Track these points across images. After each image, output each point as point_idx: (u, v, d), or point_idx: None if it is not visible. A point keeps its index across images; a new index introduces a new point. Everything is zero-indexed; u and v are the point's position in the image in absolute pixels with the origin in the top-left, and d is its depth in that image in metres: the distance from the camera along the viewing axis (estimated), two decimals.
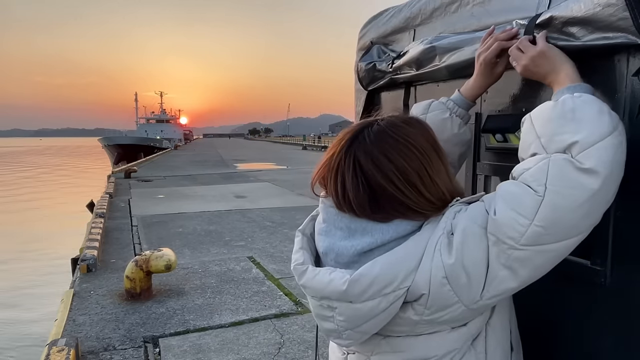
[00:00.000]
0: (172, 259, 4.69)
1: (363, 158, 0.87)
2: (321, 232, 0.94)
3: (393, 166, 0.86)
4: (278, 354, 3.57)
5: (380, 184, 0.85)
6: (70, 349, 3.22)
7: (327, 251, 0.92)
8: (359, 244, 0.86)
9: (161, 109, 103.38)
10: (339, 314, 0.87)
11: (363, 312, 0.84)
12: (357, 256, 0.86)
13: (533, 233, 0.77)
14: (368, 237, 0.86)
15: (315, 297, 0.91)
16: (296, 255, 0.98)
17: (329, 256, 0.92)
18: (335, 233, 0.91)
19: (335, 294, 0.85)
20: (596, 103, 0.81)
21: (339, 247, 0.89)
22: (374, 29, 1.97)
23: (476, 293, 0.81)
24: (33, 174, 41.17)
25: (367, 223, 0.87)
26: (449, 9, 1.42)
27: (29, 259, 11.48)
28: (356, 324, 0.87)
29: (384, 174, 0.85)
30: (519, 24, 1.05)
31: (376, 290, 0.82)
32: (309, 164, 25.35)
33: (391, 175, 0.85)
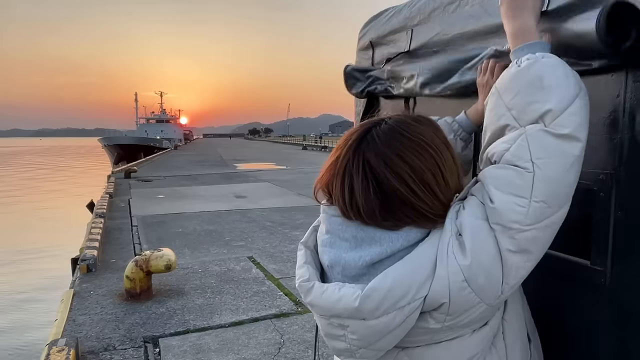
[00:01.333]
0: (172, 259, 4.69)
1: (374, 159, 0.81)
2: (325, 244, 0.88)
3: (407, 167, 0.80)
4: (278, 354, 3.57)
5: (392, 186, 0.79)
6: (70, 349, 3.22)
7: (332, 264, 0.85)
8: (367, 254, 0.81)
9: (161, 109, 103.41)
10: (352, 332, 0.81)
11: (378, 328, 0.78)
12: (366, 268, 0.81)
13: (535, 210, 0.75)
14: (377, 247, 0.80)
15: (324, 316, 0.84)
16: (300, 270, 0.90)
17: (335, 269, 0.85)
18: (340, 244, 0.84)
19: (346, 312, 0.79)
20: (561, 66, 0.79)
21: (346, 259, 0.83)
22: (374, 29, 1.97)
23: (497, 288, 0.78)
24: (33, 174, 41.16)
25: (374, 232, 0.81)
26: (447, 9, 1.42)
27: (28, 258, 11.48)
28: (370, 342, 0.81)
29: (397, 175, 0.80)
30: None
31: (390, 304, 0.76)
32: (309, 164, 25.35)
33: (405, 177, 0.79)
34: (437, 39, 1.47)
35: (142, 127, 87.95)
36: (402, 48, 1.70)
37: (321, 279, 0.88)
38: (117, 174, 18.43)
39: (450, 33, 1.39)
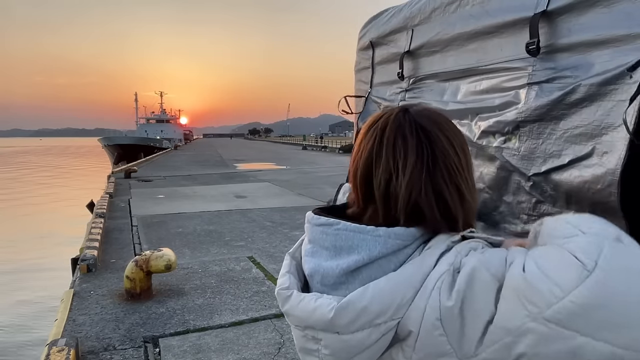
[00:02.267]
0: (172, 259, 4.69)
1: (426, 121, 0.79)
2: (307, 254, 0.85)
3: (459, 139, 0.79)
4: (278, 354, 3.57)
5: (444, 149, 0.77)
6: (70, 349, 3.22)
7: (312, 273, 0.83)
8: (345, 262, 0.77)
9: (161, 109, 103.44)
10: (325, 347, 0.77)
11: (351, 344, 0.74)
12: (344, 276, 0.77)
13: (563, 309, 0.60)
14: (354, 254, 0.76)
15: (299, 327, 0.81)
16: (282, 279, 0.87)
17: (314, 278, 0.82)
18: (321, 253, 0.82)
19: (320, 323, 0.76)
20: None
21: (325, 267, 0.80)
22: (374, 29, 1.97)
23: (470, 346, 0.68)
24: (33, 174, 41.17)
25: (353, 239, 0.77)
26: (448, 9, 1.42)
27: (28, 258, 11.48)
28: (344, 358, 0.76)
29: (448, 140, 0.78)
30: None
31: (367, 321, 0.72)
32: (309, 164, 25.35)
33: (456, 144, 0.79)
34: (437, 38, 1.47)
35: (142, 127, 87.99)
36: (403, 48, 1.70)
37: (305, 290, 0.85)
38: (117, 174, 18.43)
39: (451, 33, 1.39)
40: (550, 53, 1.04)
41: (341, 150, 39.32)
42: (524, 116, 1.09)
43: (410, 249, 0.77)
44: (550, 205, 1.04)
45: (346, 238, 0.78)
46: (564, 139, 0.99)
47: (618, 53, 0.88)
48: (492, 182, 1.23)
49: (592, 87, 0.92)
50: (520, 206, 1.13)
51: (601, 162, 0.89)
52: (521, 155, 1.10)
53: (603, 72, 0.90)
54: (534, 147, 1.07)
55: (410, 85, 1.69)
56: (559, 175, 0.99)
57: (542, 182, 1.05)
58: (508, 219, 1.17)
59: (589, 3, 0.93)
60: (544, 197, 1.05)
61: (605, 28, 0.90)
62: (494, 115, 1.20)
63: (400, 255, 0.76)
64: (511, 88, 1.15)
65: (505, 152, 1.16)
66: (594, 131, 0.92)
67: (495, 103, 1.20)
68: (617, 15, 0.89)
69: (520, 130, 1.11)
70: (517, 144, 1.12)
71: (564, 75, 0.99)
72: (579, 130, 0.96)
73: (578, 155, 0.95)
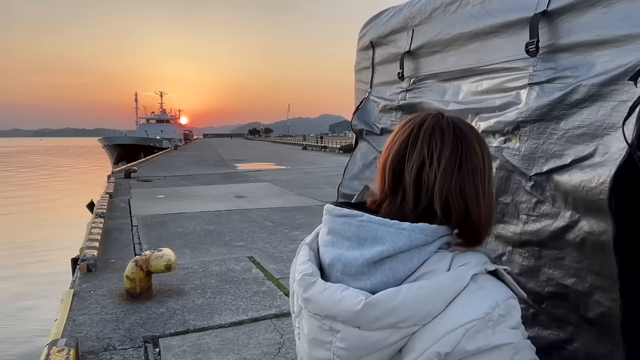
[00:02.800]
0: (172, 259, 4.69)
1: (462, 124, 0.85)
2: (327, 244, 0.85)
3: (487, 148, 0.86)
4: (278, 354, 3.57)
5: (475, 152, 0.83)
6: (70, 349, 3.22)
7: (333, 262, 0.82)
8: (369, 252, 0.78)
9: (161, 109, 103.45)
10: (341, 340, 0.77)
11: (369, 341, 0.75)
12: (367, 267, 0.78)
13: None
14: (379, 245, 0.77)
15: (318, 316, 0.81)
16: (304, 266, 0.87)
17: (335, 267, 0.82)
18: (342, 244, 0.82)
19: (344, 315, 0.76)
20: None
21: (347, 257, 0.80)
22: (374, 29, 1.97)
23: None
24: (34, 174, 41.17)
25: (377, 230, 0.78)
26: (448, 9, 1.42)
27: (28, 258, 11.48)
28: (357, 356, 0.77)
29: (480, 146, 0.85)
30: None
31: (392, 322, 0.73)
32: (309, 164, 25.35)
33: (484, 151, 0.85)
34: (437, 38, 1.47)
35: (142, 127, 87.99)
36: (403, 48, 1.70)
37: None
38: (117, 174, 18.43)
39: (451, 33, 1.39)
40: (550, 53, 1.04)
41: (341, 151, 39.31)
42: (525, 116, 1.09)
43: (433, 246, 0.79)
44: (550, 205, 1.04)
45: (370, 229, 0.79)
46: (565, 139, 0.99)
47: (618, 53, 0.88)
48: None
49: (592, 88, 0.92)
50: (520, 206, 1.13)
51: (603, 162, 0.89)
52: (522, 155, 1.10)
53: (604, 73, 0.90)
54: (535, 147, 1.07)
55: (410, 85, 1.69)
56: (561, 175, 0.99)
57: (543, 182, 1.05)
58: (507, 220, 1.17)
59: (589, 3, 0.93)
60: (544, 197, 1.05)
61: (606, 28, 0.90)
62: (494, 116, 1.20)
63: (423, 251, 0.78)
64: (512, 88, 1.15)
65: (505, 152, 1.16)
66: (596, 131, 0.92)
67: (496, 103, 1.20)
68: (617, 15, 0.89)
69: (520, 130, 1.11)
70: (518, 144, 1.12)
71: (565, 76, 0.99)
72: (580, 130, 0.96)
73: (580, 156, 0.95)
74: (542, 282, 1.08)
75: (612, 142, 0.87)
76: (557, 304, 1.05)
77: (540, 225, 1.06)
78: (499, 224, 1.21)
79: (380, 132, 1.91)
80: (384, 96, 1.90)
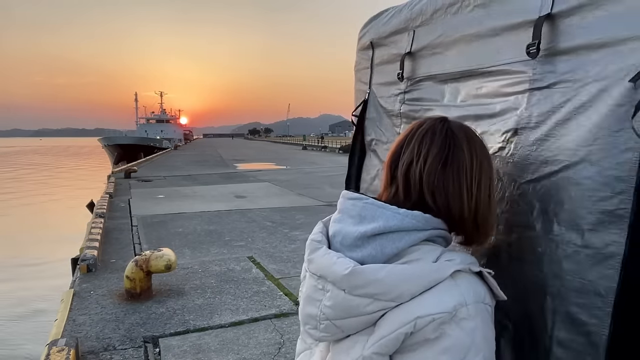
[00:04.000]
0: (172, 259, 4.69)
1: (457, 128, 0.96)
2: (335, 220, 0.98)
3: (481, 152, 0.95)
4: (278, 354, 3.57)
5: (463, 153, 0.93)
6: (70, 349, 3.22)
7: (335, 233, 0.95)
8: (364, 228, 0.89)
9: (161, 109, 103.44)
10: (328, 299, 0.88)
11: (350, 304, 0.85)
12: (360, 240, 0.89)
13: None
14: (373, 223, 0.88)
15: (315, 276, 0.93)
16: (315, 235, 1.00)
17: (336, 238, 0.94)
18: (346, 220, 0.94)
19: (333, 276, 0.87)
20: None
21: (347, 230, 0.92)
22: (374, 30, 1.97)
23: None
24: (34, 174, 41.15)
25: (376, 211, 0.90)
26: (449, 10, 1.42)
27: (28, 258, 11.48)
28: (338, 316, 0.87)
29: (470, 151, 0.93)
30: None
31: (371, 292, 0.83)
32: (309, 164, 25.35)
33: (475, 154, 0.94)
34: (439, 40, 1.47)
35: (142, 127, 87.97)
36: (403, 49, 1.70)
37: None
38: (117, 174, 18.42)
39: (453, 35, 1.39)
40: (551, 56, 1.03)
41: (341, 150, 39.29)
42: (525, 122, 1.08)
43: (423, 233, 0.89)
44: (542, 214, 1.02)
45: (370, 210, 0.91)
46: (561, 144, 0.98)
47: (618, 56, 0.88)
48: None
49: (593, 92, 0.92)
50: (514, 217, 1.11)
51: (598, 168, 0.88)
52: (515, 162, 1.10)
53: (604, 77, 0.90)
54: (528, 153, 1.06)
55: (410, 86, 1.69)
56: (553, 181, 0.98)
57: (534, 190, 1.04)
58: (500, 228, 1.16)
59: (592, 6, 0.93)
60: (536, 206, 1.04)
61: (607, 31, 0.90)
62: (493, 120, 1.20)
63: (412, 235, 0.88)
64: (512, 93, 1.14)
65: (498, 160, 1.15)
66: (594, 136, 0.91)
67: (496, 108, 1.19)
68: (619, 18, 0.88)
69: (517, 136, 1.10)
70: (513, 150, 1.11)
71: (566, 80, 0.99)
72: (577, 135, 0.95)
73: (574, 161, 0.94)
74: (521, 298, 1.06)
75: (612, 146, 0.87)
76: (537, 322, 1.02)
77: (530, 236, 1.04)
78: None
79: (386, 141, 1.89)
80: (384, 97, 1.90)
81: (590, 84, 0.93)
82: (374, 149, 2.00)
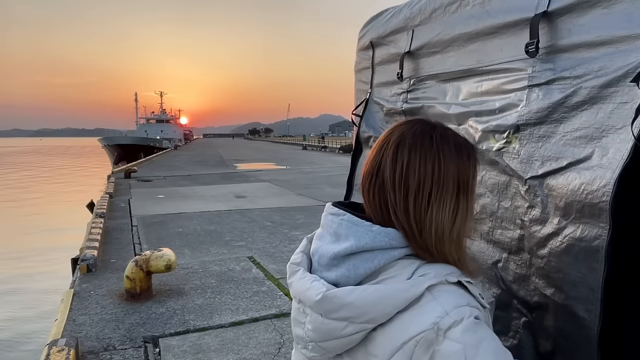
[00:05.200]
0: (172, 259, 4.69)
1: (420, 137, 0.85)
2: (316, 237, 0.96)
3: (447, 167, 0.83)
4: (278, 354, 3.57)
5: (415, 169, 0.82)
6: (70, 349, 3.22)
7: (314, 252, 0.94)
8: (337, 247, 0.86)
9: (161, 109, 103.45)
10: (309, 322, 0.87)
11: (328, 328, 0.83)
12: (335, 260, 0.86)
13: None
14: (346, 242, 0.85)
15: (296, 299, 0.93)
16: (296, 255, 0.99)
17: (315, 257, 0.93)
18: (325, 237, 0.92)
19: (309, 301, 0.86)
20: None
21: (323, 249, 0.90)
22: (374, 29, 1.97)
23: None
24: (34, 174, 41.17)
25: (350, 229, 0.86)
26: (448, 9, 1.42)
27: (28, 258, 11.48)
28: (320, 338, 0.85)
29: (433, 163, 0.82)
30: None
31: (345, 316, 0.80)
32: (309, 164, 25.35)
33: (438, 171, 0.82)
34: (438, 39, 1.47)
35: (142, 127, 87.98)
36: (403, 48, 1.70)
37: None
38: (117, 174, 18.43)
39: (451, 33, 1.39)
40: (550, 54, 1.03)
41: (341, 150, 39.29)
42: (525, 119, 1.08)
43: (398, 252, 0.83)
44: (542, 209, 1.03)
45: (345, 227, 0.87)
46: (564, 141, 0.98)
47: (619, 54, 0.88)
48: (492, 186, 1.22)
49: (592, 89, 0.92)
50: (517, 211, 1.12)
51: (601, 165, 0.88)
52: (520, 159, 1.10)
53: (604, 74, 0.90)
54: (534, 150, 1.06)
55: (411, 86, 1.69)
56: (557, 178, 0.98)
57: (538, 186, 1.04)
58: (504, 225, 1.16)
59: (589, 4, 0.93)
60: (538, 201, 1.04)
61: (606, 29, 0.90)
62: (494, 118, 1.20)
63: (386, 254, 0.83)
64: (512, 90, 1.15)
65: (505, 155, 1.15)
66: (594, 133, 0.91)
67: (496, 105, 1.20)
68: (617, 16, 0.88)
69: (520, 133, 1.10)
70: (517, 147, 1.11)
71: (564, 77, 0.99)
72: (579, 132, 0.95)
73: (577, 158, 0.94)
74: (532, 291, 1.07)
75: (611, 145, 0.87)
76: (545, 314, 1.04)
77: (535, 231, 1.05)
78: (497, 229, 1.20)
79: None
80: (386, 97, 1.90)
81: (590, 81, 0.93)
82: (372, 147, 2.01)
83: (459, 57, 1.38)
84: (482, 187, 1.26)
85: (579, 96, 0.95)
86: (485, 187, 1.25)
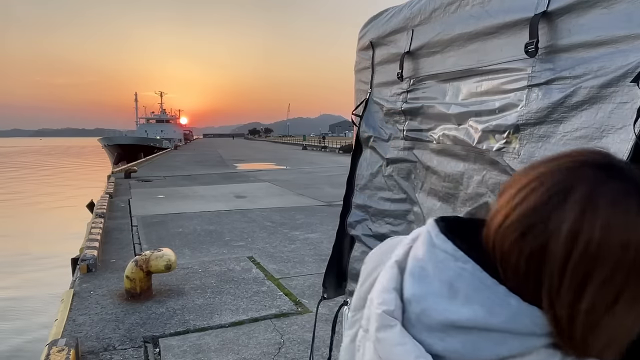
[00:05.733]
0: (172, 259, 4.69)
1: (610, 198, 0.54)
2: (414, 274, 0.67)
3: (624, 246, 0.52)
4: (278, 354, 3.57)
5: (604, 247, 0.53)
6: (70, 349, 3.22)
7: (411, 300, 0.66)
8: (455, 312, 0.61)
9: (161, 109, 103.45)
10: None
11: None
12: (445, 327, 0.62)
13: None
14: (469, 309, 0.60)
15: (380, 358, 0.68)
16: (386, 295, 0.69)
17: (412, 306, 0.66)
18: (432, 283, 0.64)
19: None
20: None
21: (429, 303, 0.63)
22: (374, 29, 1.97)
23: None
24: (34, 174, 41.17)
25: (477, 287, 0.61)
26: (448, 9, 1.42)
27: (28, 258, 11.48)
28: None
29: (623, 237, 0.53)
30: None
31: None
32: (309, 164, 25.35)
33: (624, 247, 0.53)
34: (437, 39, 1.47)
35: (142, 127, 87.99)
36: (403, 48, 1.70)
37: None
38: (117, 174, 18.43)
39: (451, 33, 1.39)
40: (550, 54, 1.03)
41: (341, 150, 39.29)
42: (525, 119, 1.08)
43: (537, 341, 0.59)
44: None
45: (468, 284, 0.62)
46: (564, 141, 0.99)
47: (618, 54, 0.88)
48: (493, 186, 1.22)
49: (592, 89, 0.92)
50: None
51: None
52: (520, 159, 1.10)
53: (603, 74, 0.90)
54: (534, 150, 1.06)
55: (410, 86, 1.69)
56: None
57: None
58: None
59: (589, 4, 0.93)
60: None
61: (606, 29, 0.90)
62: (494, 118, 1.20)
63: (523, 341, 0.59)
64: (511, 90, 1.15)
65: (505, 155, 1.15)
66: (594, 133, 0.91)
67: (496, 105, 1.20)
68: (617, 16, 0.88)
69: (520, 133, 1.10)
70: (518, 147, 1.11)
71: (564, 77, 0.99)
72: (579, 132, 0.95)
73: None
74: None
75: (611, 145, 0.87)
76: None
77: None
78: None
79: (387, 138, 1.89)
80: (386, 97, 1.90)
81: (589, 81, 0.93)
82: (372, 146, 2.00)
83: (459, 57, 1.38)
84: (483, 187, 1.26)
85: (578, 96, 0.95)
86: (486, 187, 1.25)
